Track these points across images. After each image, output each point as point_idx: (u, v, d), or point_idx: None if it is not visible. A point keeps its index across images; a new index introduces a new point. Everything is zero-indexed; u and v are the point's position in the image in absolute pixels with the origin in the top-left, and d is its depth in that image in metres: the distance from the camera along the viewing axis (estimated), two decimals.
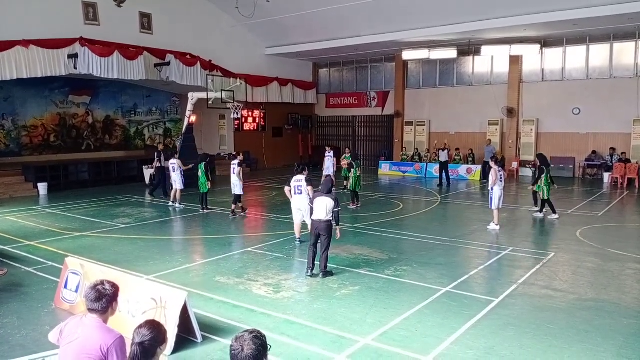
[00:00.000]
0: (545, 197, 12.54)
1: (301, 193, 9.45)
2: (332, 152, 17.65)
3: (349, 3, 19.50)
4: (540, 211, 12.80)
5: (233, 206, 12.88)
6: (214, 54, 21.65)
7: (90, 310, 3.19)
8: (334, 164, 17.43)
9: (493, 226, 11.25)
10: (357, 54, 25.71)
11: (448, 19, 19.35)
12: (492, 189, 11.38)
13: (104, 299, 3.18)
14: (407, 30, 20.75)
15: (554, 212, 12.48)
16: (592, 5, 16.64)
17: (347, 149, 17.90)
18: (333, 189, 7.99)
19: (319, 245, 7.74)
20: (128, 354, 2.91)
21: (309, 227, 8.12)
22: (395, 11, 19.61)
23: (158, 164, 15.93)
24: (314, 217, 7.66)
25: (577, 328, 5.85)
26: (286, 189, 9.85)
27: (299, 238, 9.76)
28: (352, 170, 14.13)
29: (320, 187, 7.88)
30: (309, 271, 7.70)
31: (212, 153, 22.50)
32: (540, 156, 13.31)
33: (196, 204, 13.97)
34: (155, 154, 16.12)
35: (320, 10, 20.43)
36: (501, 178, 11.36)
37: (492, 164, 11.61)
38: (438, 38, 21.04)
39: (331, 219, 7.58)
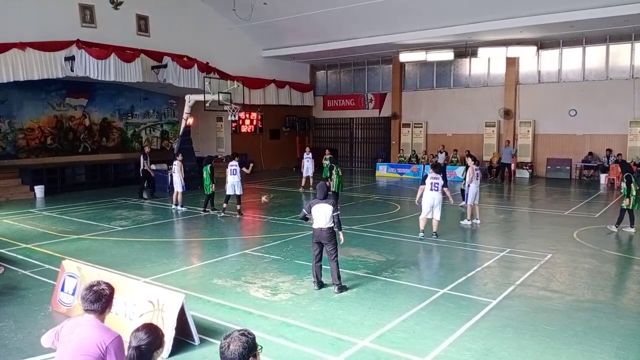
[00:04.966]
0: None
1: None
2: (310, 153, 18.63)
3: (346, 5, 19.50)
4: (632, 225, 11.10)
5: (238, 206, 13.09)
6: (211, 56, 21.64)
7: (88, 310, 3.19)
8: (312, 165, 18.32)
9: (466, 221, 11.81)
10: (354, 56, 25.73)
11: (445, 21, 19.39)
12: (468, 185, 12.04)
13: (103, 299, 3.19)
14: (404, 33, 20.77)
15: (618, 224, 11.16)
16: (589, 7, 16.67)
17: (327, 150, 18.75)
18: (329, 193, 7.84)
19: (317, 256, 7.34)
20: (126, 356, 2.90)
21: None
22: (392, 13, 19.62)
23: (144, 167, 15.84)
24: (315, 226, 7.24)
25: (575, 329, 5.86)
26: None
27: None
28: (334, 172, 14.35)
29: (316, 194, 7.40)
30: (316, 285, 7.27)
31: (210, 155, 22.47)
32: (623, 164, 12.28)
33: (195, 206, 13.95)
34: (142, 156, 16.03)
35: (317, 12, 20.42)
36: (477, 176, 12.00)
37: (469, 162, 12.27)
38: (435, 40, 21.08)
39: (332, 225, 7.19)
